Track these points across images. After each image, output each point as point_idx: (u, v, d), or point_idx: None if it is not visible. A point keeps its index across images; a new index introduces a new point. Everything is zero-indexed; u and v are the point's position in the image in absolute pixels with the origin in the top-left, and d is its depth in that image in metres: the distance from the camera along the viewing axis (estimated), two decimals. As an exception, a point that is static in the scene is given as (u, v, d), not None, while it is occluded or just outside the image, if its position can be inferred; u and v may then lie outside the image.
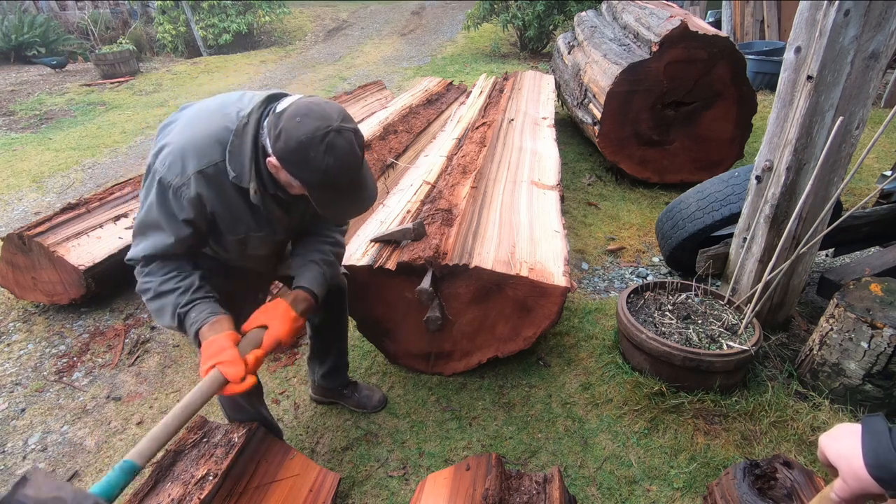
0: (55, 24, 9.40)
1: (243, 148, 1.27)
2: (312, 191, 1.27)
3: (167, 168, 1.25)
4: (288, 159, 1.22)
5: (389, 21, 12.13)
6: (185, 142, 1.27)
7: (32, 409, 2.31)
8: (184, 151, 1.26)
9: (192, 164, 1.25)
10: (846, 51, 1.82)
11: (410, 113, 4.28)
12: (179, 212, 1.28)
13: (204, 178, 1.26)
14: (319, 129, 1.19)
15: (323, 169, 1.21)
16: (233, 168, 1.27)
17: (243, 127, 1.27)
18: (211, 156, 1.26)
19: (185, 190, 1.25)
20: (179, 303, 1.33)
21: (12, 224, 3.89)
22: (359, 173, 1.30)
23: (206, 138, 1.27)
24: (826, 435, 0.79)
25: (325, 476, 1.70)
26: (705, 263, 2.63)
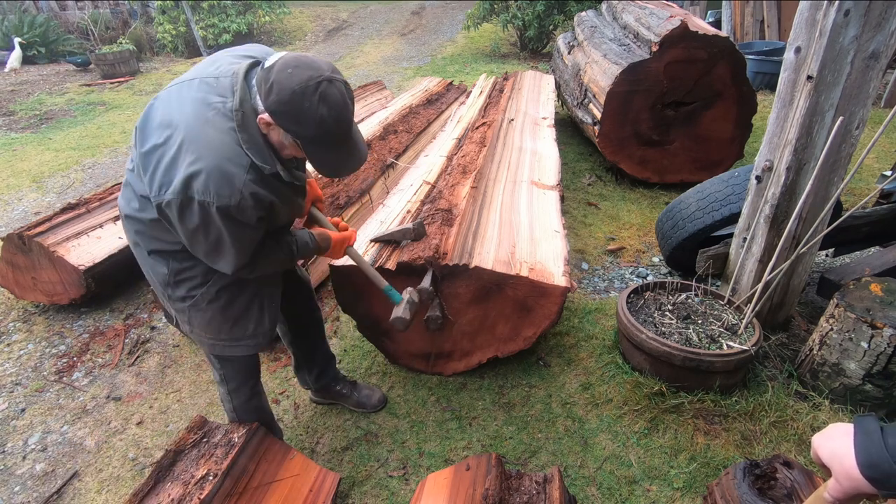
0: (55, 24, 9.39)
1: (255, 139, 1.27)
2: (308, 145, 1.27)
3: (216, 195, 1.21)
4: (281, 112, 1.20)
5: (389, 21, 12.13)
6: (215, 162, 1.21)
7: (32, 409, 2.31)
8: (221, 172, 1.21)
9: (237, 179, 1.23)
10: (846, 51, 1.82)
11: (410, 113, 4.28)
12: (252, 218, 1.29)
13: (252, 182, 1.26)
14: (312, 79, 1.18)
15: (318, 120, 1.20)
16: (258, 159, 1.27)
17: (242, 119, 1.25)
18: (243, 161, 1.25)
19: (244, 202, 1.25)
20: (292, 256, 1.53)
21: (12, 224, 3.89)
22: (351, 126, 1.31)
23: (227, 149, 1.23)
24: (819, 435, 0.79)
25: (325, 476, 1.70)
26: (705, 263, 2.63)
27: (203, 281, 1.47)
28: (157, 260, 1.45)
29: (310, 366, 2.08)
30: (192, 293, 1.48)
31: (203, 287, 1.47)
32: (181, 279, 1.46)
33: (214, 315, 1.51)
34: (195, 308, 1.50)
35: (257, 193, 1.27)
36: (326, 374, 2.12)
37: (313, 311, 2.01)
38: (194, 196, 1.20)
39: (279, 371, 2.42)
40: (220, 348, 1.59)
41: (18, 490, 1.95)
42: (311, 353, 2.06)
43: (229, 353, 1.61)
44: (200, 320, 1.52)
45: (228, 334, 1.56)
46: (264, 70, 1.23)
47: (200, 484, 1.43)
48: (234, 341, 1.58)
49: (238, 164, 1.24)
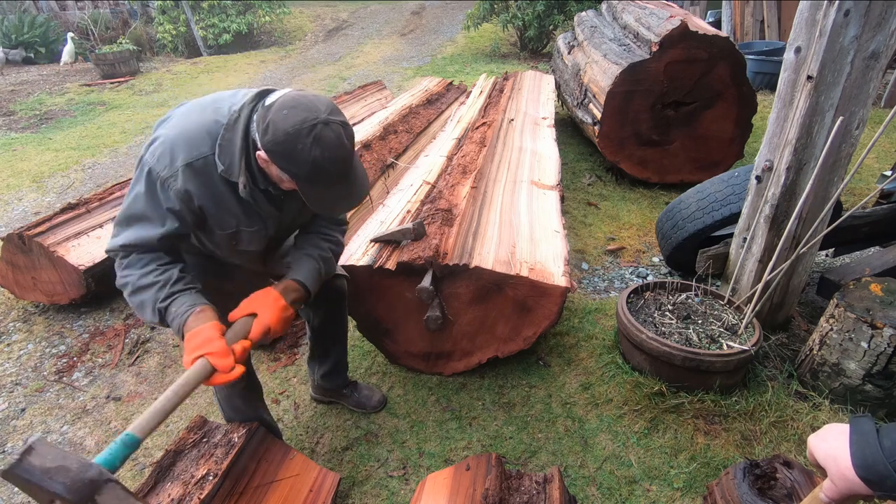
0: (55, 24, 9.40)
1: (233, 141, 1.27)
2: (301, 184, 1.26)
3: (157, 160, 1.25)
4: (276, 152, 1.21)
5: (389, 21, 12.13)
6: (176, 134, 1.27)
7: (32, 409, 2.31)
8: (174, 143, 1.26)
9: (181, 157, 1.25)
10: (846, 51, 1.82)
11: (410, 113, 4.28)
12: (166, 202, 1.27)
13: (192, 170, 1.25)
14: (307, 122, 1.18)
15: (310, 161, 1.20)
16: (222, 161, 1.27)
17: (234, 121, 1.27)
18: (200, 148, 1.26)
19: (172, 182, 1.24)
20: (158, 297, 1.29)
21: (12, 224, 3.89)
22: (347, 166, 1.28)
23: (196, 131, 1.27)
24: (815, 435, 0.79)
25: (325, 476, 1.70)
26: (705, 263, 2.63)
27: None
28: None
29: (320, 363, 2.08)
30: None
31: None
32: None
33: None
34: None
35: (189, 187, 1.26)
36: (332, 378, 2.11)
37: (337, 318, 1.98)
38: (146, 156, 1.28)
39: (279, 371, 2.42)
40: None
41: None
42: (325, 354, 2.06)
43: None
44: None
45: None
46: (264, 108, 1.24)
47: (200, 484, 1.43)
48: None
49: (193, 146, 1.25)
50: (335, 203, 1.32)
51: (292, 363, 2.46)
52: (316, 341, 2.03)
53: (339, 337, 2.05)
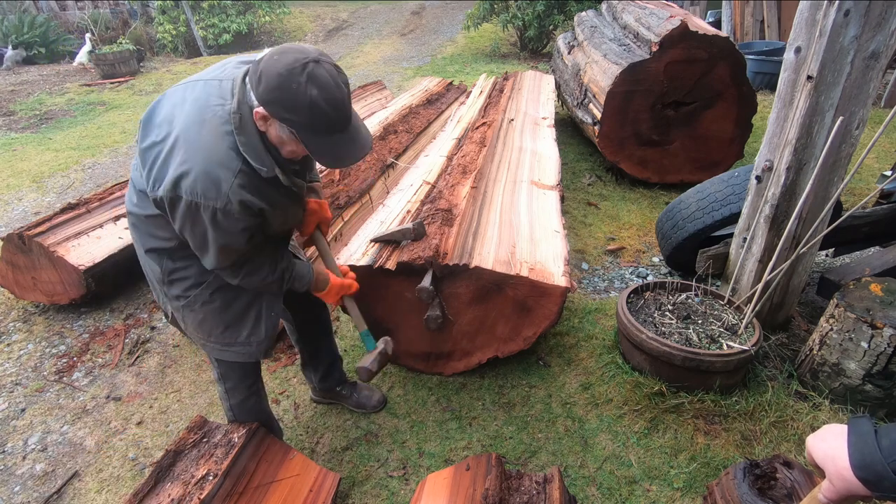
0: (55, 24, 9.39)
1: (251, 139, 1.26)
2: (304, 134, 1.22)
3: (203, 196, 1.22)
4: (271, 100, 1.18)
5: (389, 21, 12.13)
6: (203, 164, 1.22)
7: (32, 409, 2.31)
8: (208, 174, 1.22)
9: (224, 183, 1.23)
10: (846, 51, 1.82)
11: (410, 113, 4.28)
12: (237, 224, 1.29)
13: (239, 187, 1.25)
14: (298, 61, 1.16)
15: (308, 103, 1.16)
16: (257, 162, 1.27)
17: (240, 121, 1.25)
18: (233, 165, 1.24)
19: (230, 207, 1.24)
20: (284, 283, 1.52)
21: (12, 224, 3.89)
22: (347, 111, 1.24)
23: (218, 150, 1.24)
24: (813, 436, 0.79)
25: (325, 476, 1.70)
26: (705, 263, 2.63)
27: (197, 282, 1.47)
28: (151, 258, 1.46)
29: (315, 365, 2.08)
30: (187, 293, 1.48)
31: (198, 288, 1.48)
32: (174, 279, 1.47)
33: (206, 317, 1.51)
34: (188, 308, 1.50)
35: (244, 199, 1.26)
36: (331, 376, 2.12)
37: (320, 312, 2.01)
38: (182, 195, 1.23)
39: (279, 371, 2.42)
40: (209, 349, 1.60)
41: (18, 490, 1.95)
42: (316, 352, 2.06)
43: (218, 357, 1.61)
44: (193, 320, 1.53)
45: (219, 339, 1.55)
46: (254, 63, 1.23)
47: (200, 484, 1.43)
48: (225, 346, 1.57)
49: (227, 167, 1.23)
50: (341, 154, 1.28)
51: (292, 363, 2.46)
52: (302, 341, 2.03)
53: (325, 329, 2.06)
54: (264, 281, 1.48)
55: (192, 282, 1.47)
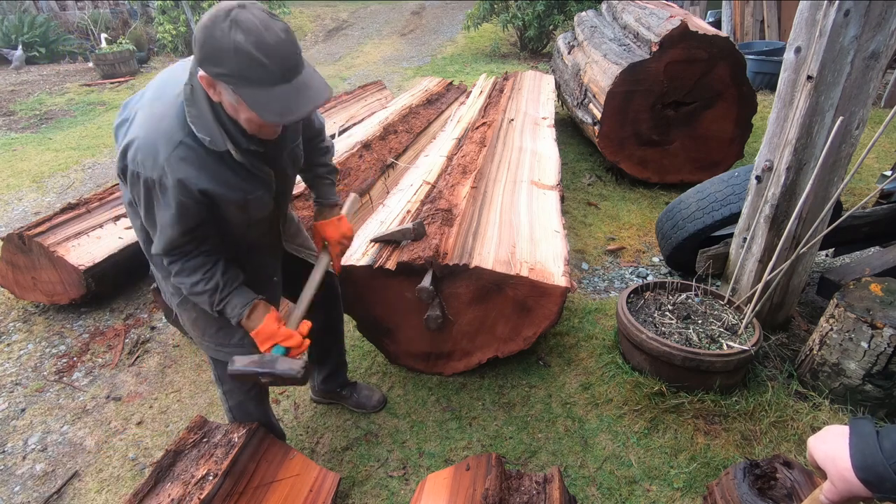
0: (55, 24, 9.39)
1: (201, 110, 1.19)
2: (240, 87, 1.10)
3: (142, 165, 1.18)
4: (202, 57, 1.09)
5: (389, 21, 12.12)
6: (148, 132, 1.18)
7: (32, 409, 2.31)
8: (150, 142, 1.17)
9: (162, 153, 1.17)
10: (846, 51, 1.82)
11: (410, 113, 4.28)
12: (171, 202, 1.21)
13: (178, 160, 1.18)
14: (221, 9, 1.08)
15: (233, 48, 1.05)
16: (204, 134, 1.19)
17: (191, 91, 1.19)
18: (175, 136, 1.18)
19: (165, 180, 1.18)
20: (213, 302, 1.37)
21: (12, 224, 3.89)
22: (285, 56, 1.11)
23: (165, 121, 1.20)
24: (815, 437, 0.78)
25: (325, 476, 1.70)
26: (705, 263, 2.63)
27: None
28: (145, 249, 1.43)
29: (319, 368, 2.08)
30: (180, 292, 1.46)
31: None
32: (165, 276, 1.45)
33: (199, 315, 1.50)
34: (182, 306, 1.50)
35: (181, 173, 1.18)
36: (334, 380, 2.12)
37: (334, 319, 1.99)
38: (128, 164, 1.20)
39: (279, 371, 2.42)
40: (205, 347, 1.58)
41: (18, 490, 1.95)
42: (324, 357, 2.06)
43: (214, 356, 1.60)
44: (188, 318, 1.52)
45: (213, 338, 1.54)
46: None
47: (200, 484, 1.43)
48: (219, 346, 1.55)
49: (169, 137, 1.18)
50: (285, 108, 1.13)
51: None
52: (315, 344, 2.01)
53: (338, 335, 2.05)
54: (194, 289, 1.35)
55: None
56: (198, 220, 1.27)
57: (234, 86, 1.10)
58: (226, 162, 1.24)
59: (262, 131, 1.23)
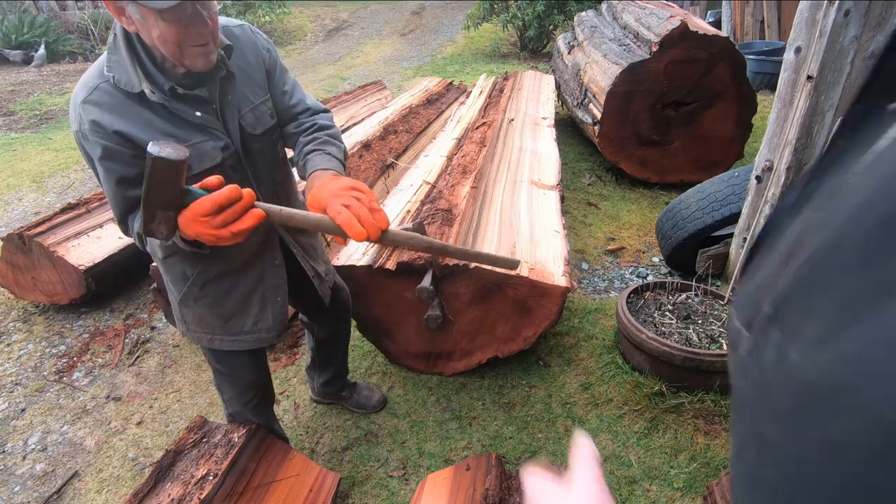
0: (55, 24, 9.39)
1: (121, 55, 1.16)
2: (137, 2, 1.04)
3: (71, 120, 1.18)
4: None
5: (389, 21, 12.12)
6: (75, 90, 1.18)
7: (32, 409, 2.31)
8: (74, 97, 1.17)
9: (79, 99, 1.16)
10: (846, 51, 1.82)
11: (410, 113, 4.28)
12: (95, 150, 1.16)
13: (92, 103, 1.15)
14: None
15: None
16: (117, 75, 1.15)
17: (113, 39, 1.18)
18: (90, 83, 1.17)
19: (84, 127, 1.14)
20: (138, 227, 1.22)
21: (12, 224, 3.89)
22: None
23: (88, 73, 1.19)
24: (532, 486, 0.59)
25: (325, 476, 1.70)
26: (705, 263, 2.63)
27: (183, 275, 1.39)
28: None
29: (321, 371, 2.08)
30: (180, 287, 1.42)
31: (185, 283, 1.40)
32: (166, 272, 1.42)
33: (204, 312, 1.45)
34: (185, 305, 1.44)
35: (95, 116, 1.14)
36: (333, 385, 2.12)
37: (341, 329, 1.98)
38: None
39: (279, 371, 2.42)
40: (217, 342, 1.52)
41: (18, 490, 1.95)
42: (326, 362, 2.05)
43: (227, 348, 1.53)
44: (192, 318, 1.47)
45: (224, 330, 1.49)
46: None
47: (200, 484, 1.43)
48: (233, 336, 1.51)
49: (85, 85, 1.16)
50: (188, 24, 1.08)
51: (292, 363, 2.46)
52: (318, 351, 2.02)
53: (342, 348, 2.05)
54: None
55: (178, 273, 1.40)
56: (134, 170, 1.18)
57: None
58: (148, 105, 1.17)
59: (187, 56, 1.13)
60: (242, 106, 1.31)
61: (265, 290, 1.48)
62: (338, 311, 1.88)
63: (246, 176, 1.35)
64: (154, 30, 1.08)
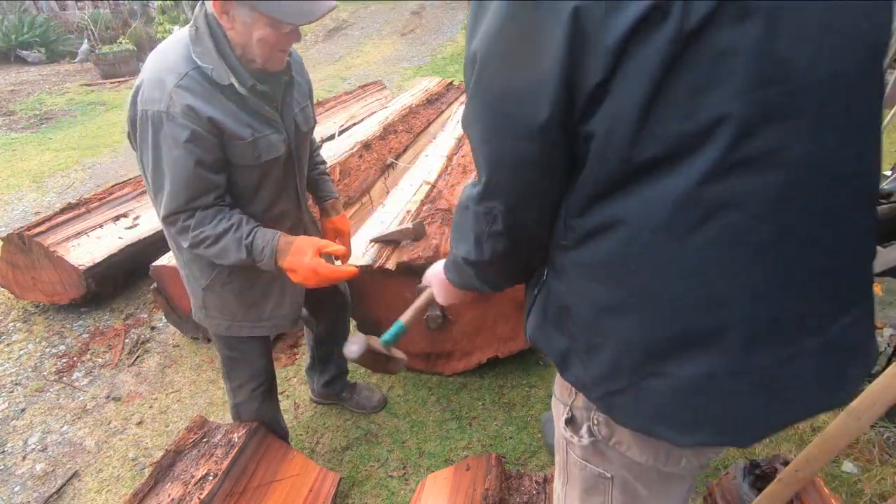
0: (55, 24, 9.40)
1: (206, 47, 1.22)
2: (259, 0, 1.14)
3: (149, 101, 1.20)
4: None
5: (389, 21, 12.12)
6: (154, 71, 1.22)
7: (32, 409, 2.31)
8: (157, 77, 1.21)
9: (169, 83, 1.19)
10: (846, 51, 1.82)
11: (410, 113, 4.28)
12: (181, 134, 1.19)
13: (185, 88, 1.20)
14: None
15: None
16: (209, 63, 1.22)
17: (195, 32, 1.23)
18: (180, 68, 1.21)
19: (173, 109, 1.18)
20: (241, 235, 1.30)
21: (12, 224, 3.89)
22: None
23: (171, 58, 1.23)
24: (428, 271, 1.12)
25: (325, 476, 1.70)
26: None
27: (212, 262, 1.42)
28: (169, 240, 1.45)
29: (321, 371, 2.09)
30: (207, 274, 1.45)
31: (213, 270, 1.44)
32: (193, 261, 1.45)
33: (230, 298, 1.49)
34: (210, 290, 1.48)
35: (189, 100, 1.19)
36: (333, 386, 2.12)
37: (340, 325, 1.99)
38: (138, 108, 1.21)
39: (279, 371, 2.42)
40: (236, 329, 1.56)
41: (18, 490, 1.95)
42: (326, 360, 2.06)
43: (246, 334, 1.57)
44: (215, 305, 1.50)
45: (244, 317, 1.54)
46: None
47: (200, 484, 1.43)
48: (254, 323, 1.55)
49: (174, 71, 1.21)
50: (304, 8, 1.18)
51: (292, 363, 2.46)
52: (318, 349, 2.03)
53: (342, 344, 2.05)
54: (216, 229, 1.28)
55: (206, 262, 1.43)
56: (213, 156, 1.25)
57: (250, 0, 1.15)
58: (231, 96, 1.26)
59: (272, 58, 1.26)
60: (296, 106, 1.45)
61: (285, 278, 1.49)
62: (337, 306, 1.90)
63: (293, 168, 1.48)
64: (258, 32, 1.20)
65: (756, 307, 0.67)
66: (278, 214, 1.49)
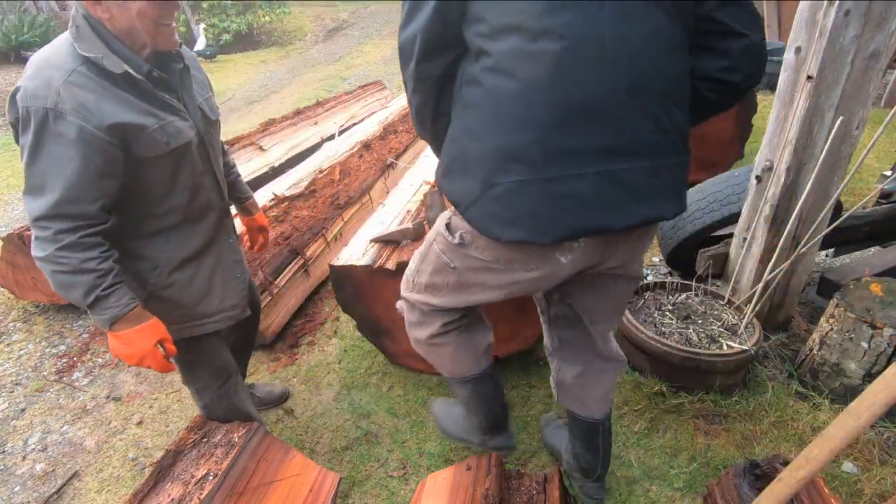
0: (55, 24, 9.40)
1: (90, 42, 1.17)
2: None
3: (33, 97, 1.12)
4: None
5: (389, 21, 12.12)
6: (37, 70, 1.15)
7: (32, 409, 2.31)
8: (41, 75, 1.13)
9: (56, 79, 1.13)
10: (846, 51, 1.82)
11: (410, 113, 4.28)
12: (70, 130, 1.13)
13: (75, 85, 1.14)
14: None
15: None
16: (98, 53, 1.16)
17: (77, 31, 1.18)
18: (68, 65, 1.15)
19: (62, 106, 1.12)
20: (100, 284, 1.20)
21: (12, 224, 3.89)
22: None
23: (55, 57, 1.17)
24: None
25: (325, 476, 1.70)
26: (705, 263, 2.62)
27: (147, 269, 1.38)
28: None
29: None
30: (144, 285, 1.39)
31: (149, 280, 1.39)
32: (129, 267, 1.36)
33: (174, 300, 1.44)
34: (153, 298, 1.40)
35: (79, 97, 1.13)
36: None
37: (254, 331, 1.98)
38: (18, 107, 1.14)
39: (279, 371, 2.42)
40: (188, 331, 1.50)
41: (18, 490, 1.95)
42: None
43: (199, 333, 1.52)
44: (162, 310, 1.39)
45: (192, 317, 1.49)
46: None
47: (200, 484, 1.43)
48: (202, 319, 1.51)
49: (61, 68, 1.14)
50: None
51: (292, 363, 2.46)
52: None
53: (249, 351, 2.06)
54: (83, 265, 1.17)
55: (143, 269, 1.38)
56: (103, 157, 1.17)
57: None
58: (126, 86, 1.20)
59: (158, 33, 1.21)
60: (199, 96, 1.43)
61: (224, 269, 1.54)
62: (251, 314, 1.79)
63: (207, 156, 1.45)
64: (135, 6, 1.16)
65: (549, 135, 0.99)
66: (204, 205, 1.44)
